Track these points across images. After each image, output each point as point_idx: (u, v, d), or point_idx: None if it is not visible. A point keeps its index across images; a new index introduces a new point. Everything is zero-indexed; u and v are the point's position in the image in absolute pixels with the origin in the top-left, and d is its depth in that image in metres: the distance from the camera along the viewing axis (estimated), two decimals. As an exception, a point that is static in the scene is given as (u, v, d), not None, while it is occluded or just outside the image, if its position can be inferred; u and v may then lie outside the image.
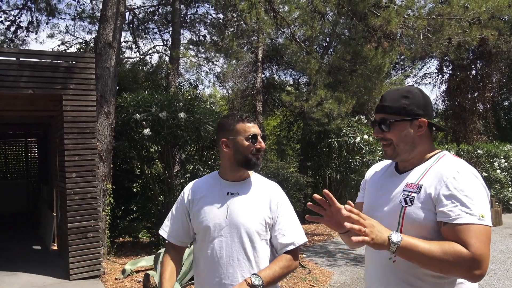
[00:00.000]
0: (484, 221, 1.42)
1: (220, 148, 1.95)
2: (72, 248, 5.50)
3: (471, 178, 1.50)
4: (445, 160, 1.60)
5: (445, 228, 1.47)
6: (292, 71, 15.74)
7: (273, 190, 1.98)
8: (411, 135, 1.62)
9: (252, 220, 1.87)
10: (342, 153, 11.02)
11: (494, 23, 7.24)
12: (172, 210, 2.06)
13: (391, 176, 1.74)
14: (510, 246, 7.84)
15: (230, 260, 1.84)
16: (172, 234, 2.01)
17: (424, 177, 1.58)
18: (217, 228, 1.86)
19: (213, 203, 1.91)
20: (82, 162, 5.58)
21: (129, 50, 14.08)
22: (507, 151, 12.89)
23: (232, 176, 1.95)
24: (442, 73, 18.98)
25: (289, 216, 1.96)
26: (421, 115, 1.61)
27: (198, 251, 1.96)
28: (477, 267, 1.37)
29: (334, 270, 6.46)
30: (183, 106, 6.94)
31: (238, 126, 1.90)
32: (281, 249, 1.90)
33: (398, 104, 1.62)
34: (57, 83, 5.47)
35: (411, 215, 1.54)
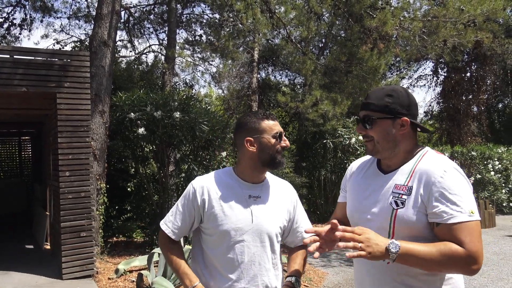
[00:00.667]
0: (474, 217, 1.46)
1: (242, 147, 1.86)
2: (65, 248, 5.46)
3: (457, 176, 1.52)
4: (429, 158, 1.61)
5: (438, 228, 1.48)
6: (287, 72, 15.77)
7: (289, 191, 2.02)
8: (393, 134, 1.62)
9: (274, 225, 1.88)
10: (337, 154, 11.04)
11: (489, 25, 7.29)
12: (177, 206, 1.92)
13: (375, 176, 1.73)
14: (503, 248, 7.88)
15: (251, 264, 1.81)
16: (176, 231, 1.90)
17: (412, 178, 1.58)
18: (238, 232, 1.80)
19: (234, 206, 1.83)
20: (76, 161, 5.55)
21: (124, 49, 14.05)
22: (501, 153, 12.95)
23: (252, 177, 1.88)
24: (437, 75, 19.07)
25: (303, 213, 2.06)
26: (404, 114, 1.61)
27: (211, 251, 1.85)
28: (474, 263, 1.43)
29: (328, 271, 6.46)
30: (178, 106, 6.92)
31: (263, 124, 1.83)
32: (298, 242, 2.02)
33: (381, 102, 1.63)
34: (52, 81, 5.43)
35: (403, 218, 1.54)
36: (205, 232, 1.87)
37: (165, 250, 1.93)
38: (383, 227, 1.57)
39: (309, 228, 1.72)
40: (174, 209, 1.93)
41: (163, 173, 7.37)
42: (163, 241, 1.94)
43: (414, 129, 1.67)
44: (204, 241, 1.88)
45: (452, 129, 17.25)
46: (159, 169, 7.55)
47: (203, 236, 1.89)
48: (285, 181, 2.05)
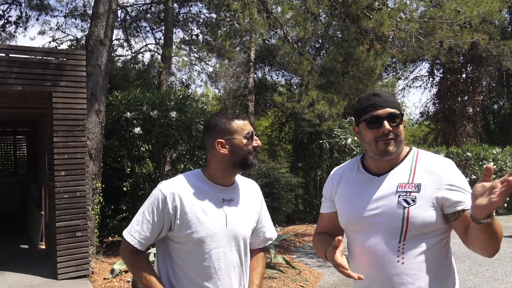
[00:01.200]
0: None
1: (212, 150, 1.78)
2: (60, 248, 5.44)
3: (453, 165, 1.64)
4: (425, 156, 1.68)
5: (464, 214, 1.52)
6: (284, 72, 15.77)
7: (257, 191, 1.98)
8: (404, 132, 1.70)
9: (247, 227, 1.84)
10: (333, 154, 11.06)
11: (485, 27, 7.32)
12: (144, 214, 1.75)
13: (367, 180, 1.71)
14: (498, 248, 7.91)
15: (227, 270, 1.76)
16: (143, 241, 1.74)
17: (416, 175, 1.61)
18: (214, 238, 1.72)
19: (208, 211, 1.74)
20: (72, 161, 5.52)
21: (121, 48, 14.04)
22: (496, 154, 13.01)
23: (224, 180, 1.81)
24: (433, 76, 19.14)
25: (267, 213, 2.01)
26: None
27: (184, 261, 1.74)
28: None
29: (324, 271, 6.46)
30: (175, 105, 6.90)
31: (234, 125, 1.76)
32: (259, 243, 1.97)
33: (396, 101, 1.68)
34: (47, 80, 5.40)
35: (416, 215, 1.55)
36: (176, 241, 1.74)
37: (131, 264, 1.78)
38: (394, 227, 1.57)
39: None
40: (140, 217, 1.75)
41: (159, 172, 7.35)
42: (128, 254, 1.78)
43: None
44: (175, 250, 1.76)
45: (447, 130, 17.31)
46: (155, 168, 7.53)
47: (172, 246, 1.76)
48: (251, 180, 2.00)
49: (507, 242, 8.48)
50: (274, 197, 8.84)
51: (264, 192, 8.39)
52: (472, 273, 6.25)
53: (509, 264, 6.77)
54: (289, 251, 7.90)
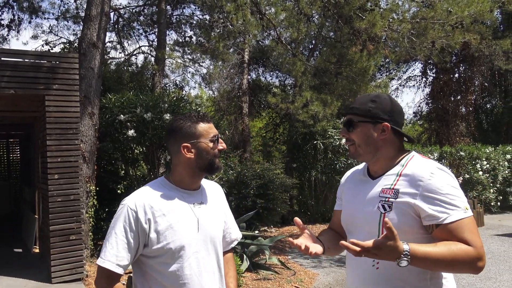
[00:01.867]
0: (468, 212, 1.49)
1: (177, 154, 1.72)
2: (54, 251, 5.41)
3: (445, 175, 1.54)
4: (414, 162, 1.63)
5: (437, 230, 1.49)
6: (278, 73, 15.81)
7: (221, 191, 1.98)
8: (374, 138, 1.65)
9: (218, 229, 1.83)
10: (328, 154, 11.08)
11: (476, 27, 7.37)
12: (115, 235, 1.63)
13: (364, 182, 1.75)
14: (491, 247, 7.97)
15: (208, 274, 1.73)
16: (121, 263, 1.62)
17: (398, 182, 1.59)
18: (192, 244, 1.68)
19: (181, 218, 1.68)
20: (65, 164, 5.51)
21: (114, 50, 13.99)
22: (489, 153, 13.09)
23: (191, 184, 1.77)
24: (426, 76, 19.24)
25: (231, 214, 2.00)
26: (385, 120, 1.64)
27: (162, 275, 1.66)
28: (480, 259, 1.44)
29: (319, 272, 6.48)
30: (169, 107, 6.90)
31: (199, 128, 1.72)
32: (226, 246, 1.95)
33: (364, 106, 1.67)
34: (40, 83, 5.39)
35: (391, 221, 1.52)
36: (151, 256, 1.66)
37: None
38: (372, 232, 1.58)
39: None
40: (113, 239, 1.62)
41: (154, 175, 7.34)
42: (105, 282, 1.65)
43: (398, 135, 1.70)
44: (150, 267, 1.68)
45: (441, 129, 17.40)
46: (149, 171, 7.52)
47: (147, 263, 1.68)
48: (213, 182, 1.98)
49: (500, 241, 8.55)
50: (269, 198, 8.84)
51: (259, 193, 8.40)
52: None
53: (503, 262, 6.82)
54: (284, 252, 7.91)
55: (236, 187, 8.75)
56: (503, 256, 7.21)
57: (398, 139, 1.69)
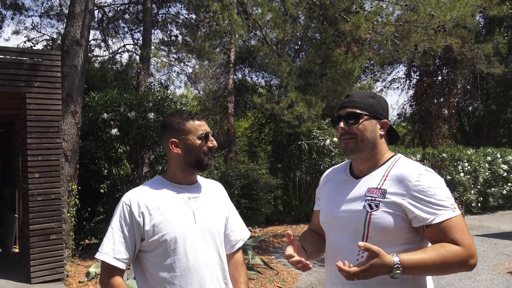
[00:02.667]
0: (457, 211, 1.52)
1: (167, 149, 1.79)
2: (34, 251, 5.34)
3: (433, 176, 1.57)
4: (402, 163, 1.64)
5: (428, 230, 1.51)
6: (264, 73, 15.84)
7: (221, 188, 1.99)
8: (375, 133, 1.67)
9: (218, 221, 1.83)
10: (312, 155, 11.14)
11: (458, 31, 7.48)
12: (112, 229, 1.70)
13: (347, 181, 1.74)
14: (471, 247, 8.10)
15: (207, 267, 1.74)
16: (119, 257, 1.67)
17: (385, 182, 1.60)
18: (187, 236, 1.70)
19: (176, 211, 1.72)
20: (46, 162, 5.43)
21: (98, 48, 13.85)
22: (470, 155, 13.32)
23: (184, 179, 1.81)
24: (410, 79, 19.49)
25: (236, 213, 2.00)
26: (384, 117, 1.69)
27: (160, 269, 1.70)
28: (472, 257, 1.46)
29: (301, 272, 6.51)
30: (153, 106, 6.86)
31: (188, 125, 1.76)
32: (233, 245, 1.93)
33: (367, 101, 1.68)
34: (21, 80, 5.31)
35: (377, 221, 1.55)
36: (148, 250, 1.71)
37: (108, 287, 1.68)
38: (358, 230, 1.59)
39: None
40: (110, 234, 1.70)
41: (137, 174, 7.29)
42: (105, 276, 1.69)
43: (387, 135, 1.72)
44: (149, 262, 1.72)
45: (424, 131, 17.65)
46: (133, 170, 7.46)
47: (146, 258, 1.72)
48: (215, 181, 2.01)
49: (480, 241, 8.70)
50: (253, 198, 8.86)
51: (243, 193, 8.41)
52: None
53: (481, 262, 6.95)
54: (268, 252, 7.93)
55: (221, 187, 8.72)
56: (482, 256, 7.34)
57: (387, 138, 1.73)
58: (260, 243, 8.31)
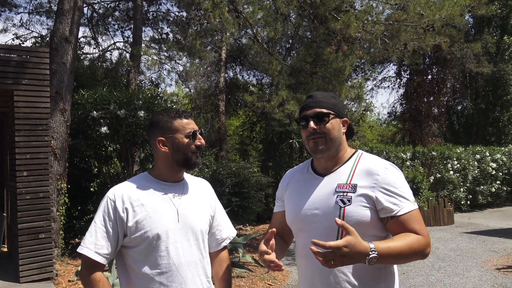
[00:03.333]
0: (416, 205, 1.63)
1: (155, 147, 1.79)
2: (23, 250, 5.29)
3: (396, 171, 1.67)
4: (367, 158, 1.73)
5: (392, 222, 1.59)
6: (255, 72, 15.82)
7: (208, 186, 2.00)
8: (341, 132, 1.74)
9: (201, 220, 1.84)
10: (303, 153, 11.18)
11: (447, 30, 7.54)
12: (95, 224, 1.70)
13: (312, 179, 1.77)
14: (460, 244, 8.20)
15: (189, 265, 1.74)
16: (100, 251, 1.66)
17: (354, 176, 1.66)
18: (170, 234, 1.71)
19: (160, 208, 1.73)
20: (34, 161, 5.39)
21: (88, 46, 13.73)
22: (459, 154, 13.45)
23: (171, 177, 1.81)
24: (400, 77, 19.59)
25: (223, 211, 2.01)
26: (345, 115, 1.78)
27: (141, 265, 1.70)
28: (428, 245, 1.58)
29: (292, 269, 6.53)
30: (143, 104, 6.83)
31: (175, 123, 1.76)
32: (219, 243, 1.94)
33: (331, 101, 1.74)
34: (8, 78, 5.25)
35: (352, 214, 1.59)
36: (131, 246, 1.71)
37: (89, 282, 1.66)
38: (331, 226, 1.60)
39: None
40: (92, 228, 1.69)
41: (128, 172, 7.25)
42: (86, 271, 1.68)
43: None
44: (131, 258, 1.72)
45: (414, 129, 17.76)
46: (123, 168, 7.42)
47: (128, 254, 1.72)
48: (202, 179, 2.02)
49: (469, 238, 8.80)
50: (244, 197, 8.86)
51: (234, 191, 8.40)
52: (435, 269, 6.45)
53: (470, 259, 7.02)
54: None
55: (212, 185, 8.69)
56: (471, 253, 7.42)
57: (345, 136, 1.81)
58: (251, 241, 8.32)
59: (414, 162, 12.72)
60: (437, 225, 10.61)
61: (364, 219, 1.59)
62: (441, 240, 8.64)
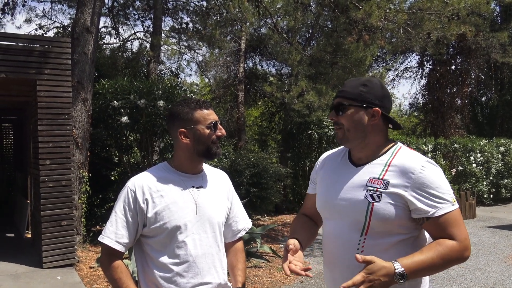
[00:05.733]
0: (456, 205, 1.53)
1: (176, 139, 1.79)
2: (46, 236, 5.42)
3: (435, 168, 1.56)
4: (404, 154, 1.62)
5: (427, 223, 1.53)
6: (275, 62, 15.70)
7: (226, 178, 2.00)
8: (364, 123, 1.62)
9: (219, 212, 1.85)
10: (322, 144, 11.10)
11: (472, 19, 7.32)
12: (116, 213, 1.73)
13: (346, 168, 1.72)
14: (482, 239, 8.05)
15: (205, 257, 1.77)
16: (120, 240, 1.71)
17: (387, 172, 1.58)
18: (188, 225, 1.73)
19: (178, 199, 1.75)
20: (57, 149, 5.49)
21: (108, 36, 13.85)
22: (483, 146, 13.14)
23: (191, 168, 1.83)
24: (422, 68, 19.19)
25: (239, 203, 2.02)
26: (376, 105, 1.62)
27: (160, 254, 1.73)
28: (466, 249, 1.51)
29: (310, 260, 6.53)
30: (163, 94, 6.87)
31: (196, 114, 1.75)
32: (235, 234, 1.96)
33: (356, 90, 1.64)
34: (31, 67, 5.34)
35: (380, 211, 1.54)
36: (149, 236, 1.74)
37: (109, 269, 1.71)
38: (358, 220, 1.58)
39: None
40: (113, 218, 1.73)
41: (147, 161, 7.33)
42: (106, 259, 1.73)
43: (386, 122, 1.67)
44: (149, 247, 1.75)
45: (436, 121, 17.42)
46: (143, 157, 7.50)
47: (146, 242, 1.76)
48: (220, 170, 2.03)
49: (491, 233, 8.63)
50: (263, 187, 8.86)
51: (252, 182, 8.39)
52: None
53: (492, 254, 6.89)
54: (277, 241, 7.96)
55: (230, 176, 8.71)
56: (493, 248, 7.28)
57: (385, 126, 1.67)
58: (269, 231, 8.34)
59: (435, 154, 12.49)
60: (459, 219, 10.41)
61: (391, 217, 1.53)
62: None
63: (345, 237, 1.62)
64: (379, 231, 1.55)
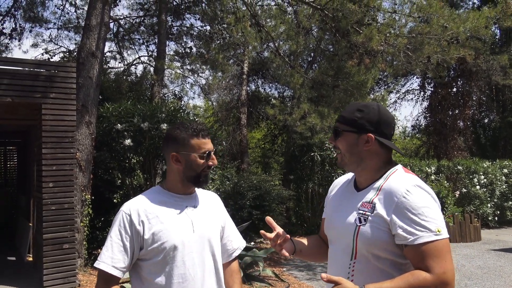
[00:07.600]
0: (441, 235, 1.44)
1: (168, 161, 1.81)
2: (47, 260, 5.40)
3: (421, 194, 1.50)
4: (395, 177, 1.59)
5: (406, 250, 1.48)
6: (277, 85, 15.89)
7: (218, 199, 2.02)
8: (358, 148, 1.63)
9: (215, 230, 1.87)
10: (325, 166, 11.08)
11: (472, 43, 7.43)
12: (111, 238, 1.71)
13: (350, 193, 1.74)
14: (487, 262, 7.94)
15: (203, 275, 1.76)
16: (117, 265, 1.68)
17: (378, 196, 1.57)
18: (186, 244, 1.73)
19: (174, 219, 1.75)
20: (60, 172, 5.52)
21: (113, 60, 14.06)
22: (486, 168, 13.10)
23: (183, 189, 1.84)
24: (424, 90, 19.32)
25: (232, 223, 2.03)
26: (370, 131, 1.61)
27: (158, 276, 1.71)
28: (443, 285, 1.40)
29: (313, 284, 6.45)
30: (166, 117, 6.93)
31: (192, 142, 1.76)
32: (230, 254, 1.97)
33: (350, 115, 1.65)
34: (37, 91, 5.43)
35: (364, 234, 1.54)
36: (146, 258, 1.72)
37: None
38: (348, 244, 1.58)
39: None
40: (108, 243, 1.70)
41: (150, 184, 7.34)
42: (103, 284, 1.70)
43: (384, 146, 1.65)
44: (147, 270, 1.73)
45: (438, 143, 17.43)
46: (146, 180, 7.52)
47: (143, 265, 1.74)
48: (211, 192, 2.04)
49: (496, 256, 8.52)
50: (265, 210, 8.83)
51: (255, 204, 8.37)
52: (461, 287, 6.26)
53: (498, 278, 6.79)
54: (279, 264, 7.88)
55: (233, 198, 8.74)
56: (499, 272, 7.18)
57: (385, 150, 1.65)
58: (271, 254, 8.26)
59: (438, 176, 12.45)
60: (463, 242, 10.32)
61: (376, 240, 1.51)
62: (467, 257, 8.39)
63: (339, 261, 1.64)
64: (367, 256, 1.53)
